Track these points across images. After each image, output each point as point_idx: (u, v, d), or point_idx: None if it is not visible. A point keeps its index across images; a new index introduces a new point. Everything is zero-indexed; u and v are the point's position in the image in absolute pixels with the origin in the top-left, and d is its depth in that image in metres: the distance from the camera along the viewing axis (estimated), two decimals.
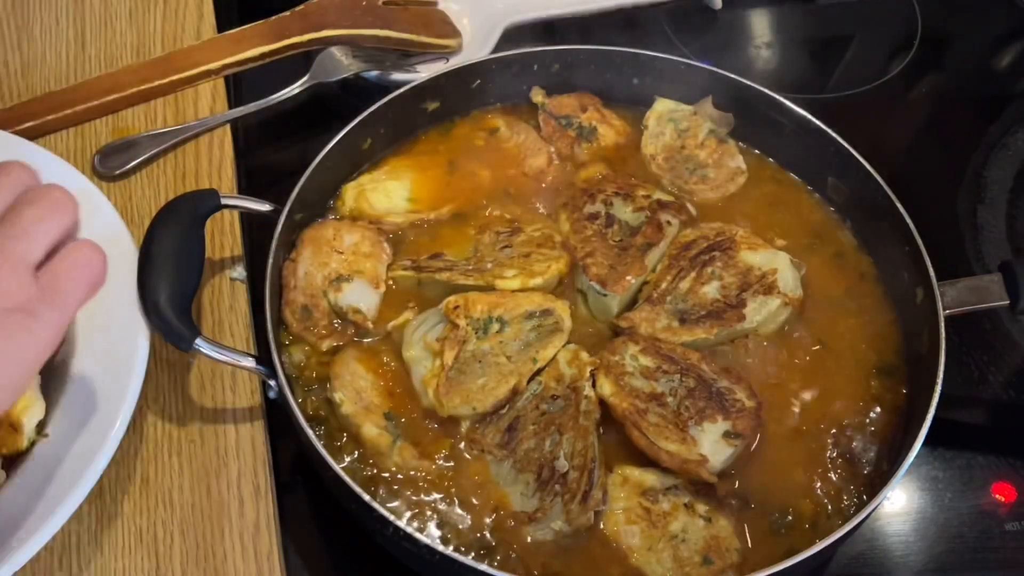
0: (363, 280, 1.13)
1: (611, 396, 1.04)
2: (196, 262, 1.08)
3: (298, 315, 1.11)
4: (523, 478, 1.01)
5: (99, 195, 1.14)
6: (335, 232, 1.16)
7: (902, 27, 1.69)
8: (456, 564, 0.90)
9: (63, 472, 0.95)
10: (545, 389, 1.07)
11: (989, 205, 1.44)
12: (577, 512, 0.97)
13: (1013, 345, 1.30)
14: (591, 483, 0.99)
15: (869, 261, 1.22)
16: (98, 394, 1.00)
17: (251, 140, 1.41)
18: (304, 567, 1.06)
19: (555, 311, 1.11)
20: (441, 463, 1.02)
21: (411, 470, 1.01)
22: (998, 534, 1.13)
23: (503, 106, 1.35)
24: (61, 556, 0.99)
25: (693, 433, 1.02)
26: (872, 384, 1.11)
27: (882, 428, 1.07)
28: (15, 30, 1.42)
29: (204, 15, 1.46)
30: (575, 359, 1.08)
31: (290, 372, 1.07)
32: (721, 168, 1.29)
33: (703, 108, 1.32)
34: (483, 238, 1.20)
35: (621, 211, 1.21)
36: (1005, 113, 1.58)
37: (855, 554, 1.11)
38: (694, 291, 1.14)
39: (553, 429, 1.03)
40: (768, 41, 1.67)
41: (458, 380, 1.05)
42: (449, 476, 1.01)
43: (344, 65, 1.39)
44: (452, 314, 1.07)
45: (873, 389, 1.11)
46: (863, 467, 1.04)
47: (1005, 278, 1.12)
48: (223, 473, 1.06)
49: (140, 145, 1.29)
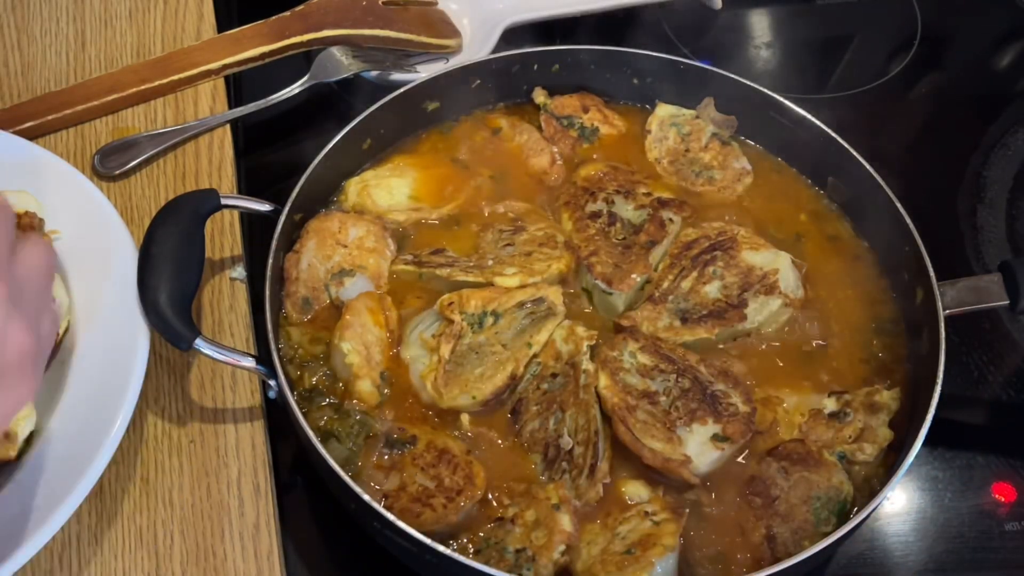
0: (365, 276, 1.14)
1: (604, 389, 1.05)
2: (196, 262, 1.08)
3: (299, 307, 1.11)
4: (530, 459, 1.03)
5: (99, 195, 1.15)
6: (340, 224, 1.17)
7: (902, 27, 1.69)
8: (456, 563, 0.90)
9: (63, 472, 0.95)
10: (544, 368, 1.08)
11: (989, 205, 1.44)
12: (586, 487, 0.99)
13: (1013, 345, 1.30)
14: (596, 456, 1.00)
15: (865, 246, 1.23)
16: (98, 394, 1.00)
17: (251, 140, 1.41)
18: (304, 567, 1.06)
19: (547, 297, 1.12)
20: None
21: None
22: (998, 534, 1.13)
23: (506, 106, 1.36)
24: (61, 556, 0.99)
25: (680, 433, 1.03)
26: (874, 343, 1.13)
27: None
28: (15, 30, 1.42)
29: (204, 15, 1.46)
30: (571, 335, 1.09)
31: (286, 353, 1.08)
32: (727, 170, 1.29)
33: (705, 111, 1.32)
34: (486, 235, 1.20)
35: (623, 209, 1.21)
36: (1005, 113, 1.58)
37: (855, 554, 1.11)
38: (696, 291, 1.14)
39: (555, 407, 1.05)
40: (768, 41, 1.67)
41: (456, 372, 1.06)
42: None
43: (344, 65, 1.39)
44: (447, 311, 1.08)
45: (875, 348, 1.13)
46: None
47: (1005, 278, 1.12)
48: (223, 473, 1.06)
49: (140, 145, 1.29)
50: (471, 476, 0.99)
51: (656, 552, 0.94)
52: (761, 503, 1.00)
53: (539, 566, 0.94)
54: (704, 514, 1.01)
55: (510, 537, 0.97)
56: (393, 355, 1.09)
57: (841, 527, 0.94)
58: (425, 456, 1.01)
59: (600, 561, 0.95)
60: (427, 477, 1.00)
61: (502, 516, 0.99)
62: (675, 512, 0.98)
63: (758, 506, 1.00)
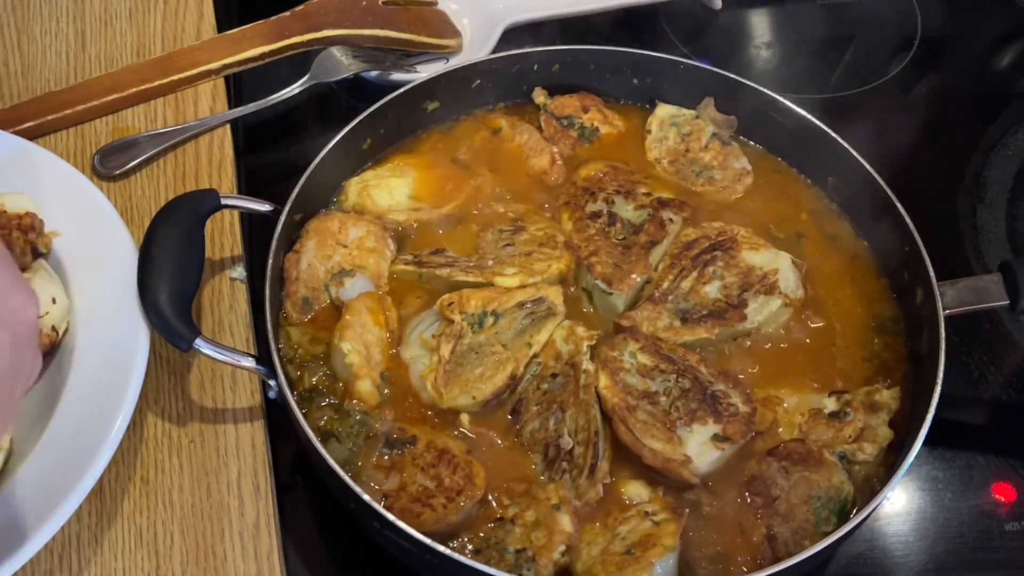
0: (365, 276, 1.14)
1: (604, 389, 1.05)
2: (196, 262, 1.08)
3: (299, 307, 1.11)
4: (531, 459, 1.03)
5: (99, 195, 1.15)
6: (340, 225, 1.17)
7: (902, 27, 1.69)
8: (456, 563, 0.90)
9: (63, 472, 0.95)
10: (544, 368, 1.08)
11: (989, 205, 1.44)
12: (586, 487, 0.99)
13: (1013, 345, 1.30)
14: (597, 456, 1.00)
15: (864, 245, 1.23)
16: (98, 394, 1.00)
17: (251, 140, 1.41)
18: (304, 567, 1.06)
19: (547, 297, 1.12)
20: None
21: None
22: (998, 534, 1.13)
23: (506, 106, 1.35)
24: (61, 556, 0.99)
25: (680, 433, 1.03)
26: (875, 342, 1.13)
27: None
28: (15, 30, 1.42)
29: (204, 15, 1.46)
30: (571, 335, 1.09)
31: (286, 353, 1.08)
32: (727, 170, 1.29)
33: (705, 111, 1.32)
34: (486, 235, 1.20)
35: (623, 209, 1.21)
36: (1005, 113, 1.58)
37: (855, 554, 1.11)
38: (696, 291, 1.14)
39: (555, 407, 1.05)
40: (768, 41, 1.67)
41: (456, 372, 1.06)
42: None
43: (344, 65, 1.39)
44: (447, 311, 1.08)
45: (875, 346, 1.13)
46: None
47: (1005, 278, 1.12)
48: (223, 473, 1.06)
49: (140, 145, 1.29)
50: (471, 476, 0.99)
51: (656, 552, 0.94)
52: (761, 503, 1.00)
53: (539, 566, 0.94)
54: (704, 514, 1.01)
55: (510, 537, 0.97)
56: (393, 355, 1.09)
57: (841, 527, 0.94)
58: (425, 456, 1.01)
59: (600, 561, 0.95)
60: (427, 477, 1.00)
61: (502, 516, 0.99)
62: (675, 512, 0.98)
63: (758, 506, 1.00)
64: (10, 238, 1.07)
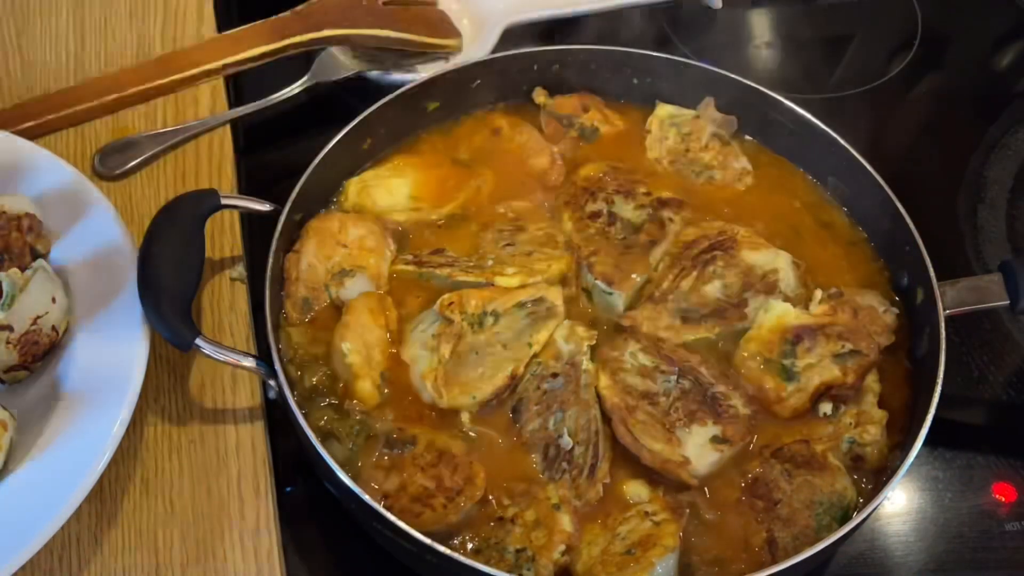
0: (365, 276, 1.14)
1: (604, 388, 1.05)
2: (196, 262, 1.08)
3: (299, 307, 1.11)
4: (531, 459, 1.03)
5: (99, 195, 1.15)
6: (340, 225, 1.16)
7: (902, 27, 1.69)
8: (456, 563, 0.90)
9: (63, 472, 0.95)
10: (544, 368, 1.08)
11: (989, 205, 1.44)
12: (586, 487, 0.99)
13: (1013, 345, 1.30)
14: (597, 456, 1.01)
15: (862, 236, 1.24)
16: (98, 394, 1.00)
17: (251, 140, 1.41)
18: (304, 567, 1.06)
19: (547, 297, 1.12)
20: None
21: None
22: (998, 534, 1.13)
23: (506, 106, 1.35)
24: (61, 556, 0.99)
25: (679, 435, 1.03)
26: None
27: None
28: (15, 30, 1.42)
29: (204, 15, 1.46)
30: (572, 334, 1.09)
31: (286, 353, 1.08)
32: (727, 169, 1.29)
33: (705, 111, 1.32)
34: (486, 235, 1.20)
35: (622, 209, 1.21)
36: (1005, 113, 1.58)
37: (855, 554, 1.11)
38: (696, 290, 1.14)
39: (556, 407, 1.05)
40: (768, 41, 1.67)
41: (456, 372, 1.06)
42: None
43: (344, 65, 1.39)
44: (447, 311, 1.08)
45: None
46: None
47: (1005, 278, 1.12)
48: (223, 473, 1.06)
49: (140, 145, 1.29)
50: (471, 476, 0.99)
51: (656, 552, 0.94)
52: (763, 506, 1.00)
53: (539, 566, 0.94)
54: (704, 516, 1.00)
55: (510, 537, 0.97)
56: (393, 355, 1.09)
57: (842, 526, 0.94)
58: (425, 456, 1.01)
59: (600, 561, 0.95)
60: (427, 477, 1.00)
61: (502, 516, 0.99)
62: (675, 512, 0.98)
63: (760, 509, 1.00)
64: (9, 239, 1.07)
